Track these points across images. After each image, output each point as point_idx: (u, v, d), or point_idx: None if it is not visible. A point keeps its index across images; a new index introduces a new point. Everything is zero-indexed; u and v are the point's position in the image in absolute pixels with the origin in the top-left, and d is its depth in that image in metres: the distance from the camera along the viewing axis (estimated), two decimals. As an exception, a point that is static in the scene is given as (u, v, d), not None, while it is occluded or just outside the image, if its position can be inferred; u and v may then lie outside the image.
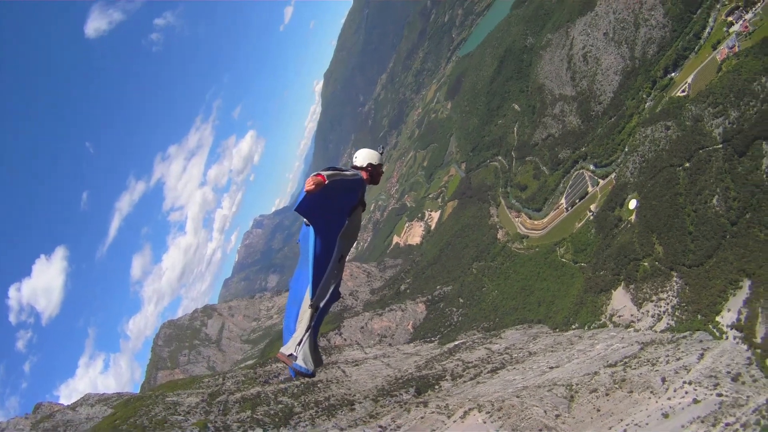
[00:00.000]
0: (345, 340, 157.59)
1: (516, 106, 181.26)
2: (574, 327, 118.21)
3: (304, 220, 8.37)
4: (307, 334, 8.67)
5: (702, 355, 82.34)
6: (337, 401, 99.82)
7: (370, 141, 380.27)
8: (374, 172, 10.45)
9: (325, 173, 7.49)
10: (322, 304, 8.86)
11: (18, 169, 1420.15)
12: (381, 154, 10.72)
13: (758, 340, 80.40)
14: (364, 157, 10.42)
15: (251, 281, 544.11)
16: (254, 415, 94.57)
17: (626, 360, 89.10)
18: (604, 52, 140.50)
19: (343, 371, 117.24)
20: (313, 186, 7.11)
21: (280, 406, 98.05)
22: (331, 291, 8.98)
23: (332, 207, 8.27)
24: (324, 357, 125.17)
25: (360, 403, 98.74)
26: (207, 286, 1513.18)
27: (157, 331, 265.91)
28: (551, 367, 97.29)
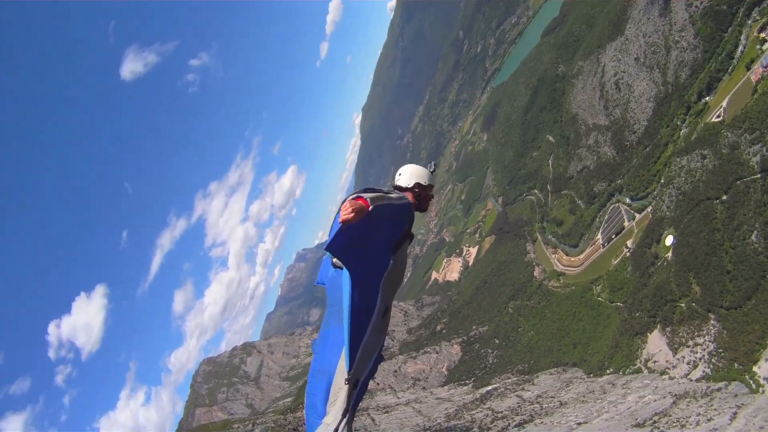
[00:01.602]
0: (378, 384, 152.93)
1: (550, 138, 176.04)
2: (608, 372, 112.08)
3: (333, 259, 7.06)
4: (345, 420, 6.81)
5: (735, 414, 75.44)
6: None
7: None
8: (422, 194, 9.00)
9: (367, 196, 6.33)
10: (362, 378, 7.13)
11: (58, 211, 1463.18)
12: (432, 173, 9.35)
13: None
14: (410, 174, 9.02)
15: (294, 315, 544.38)
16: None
17: (656, 419, 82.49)
18: (636, 78, 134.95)
19: (372, 419, 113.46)
20: (352, 214, 5.79)
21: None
22: (374, 358, 7.40)
23: (374, 242, 6.81)
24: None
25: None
26: (250, 319, 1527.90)
27: (197, 367, 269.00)
28: (579, 423, 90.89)
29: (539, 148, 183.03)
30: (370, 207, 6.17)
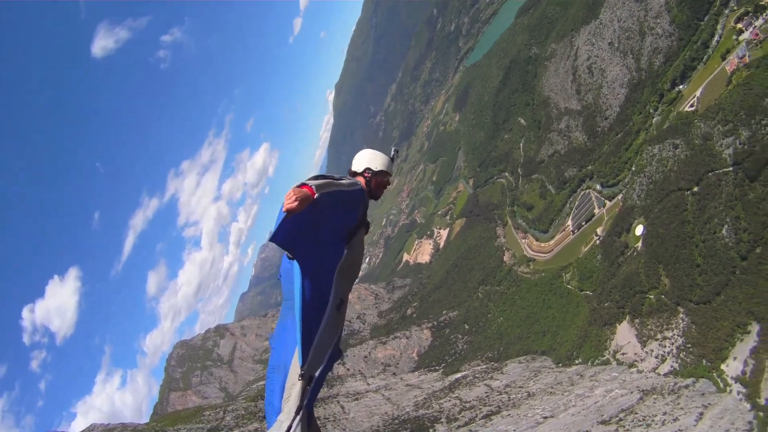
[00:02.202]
0: (348, 369, 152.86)
1: (522, 121, 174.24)
2: (577, 362, 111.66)
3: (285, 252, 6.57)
4: (299, 417, 6.43)
5: (701, 414, 75.18)
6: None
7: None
8: (373, 180, 8.63)
9: (312, 183, 6.11)
10: (317, 373, 6.80)
11: (28, 192, 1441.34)
12: (392, 159, 9.11)
13: (762, 401, 73.25)
14: (362, 159, 8.78)
15: (267, 295, 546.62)
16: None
17: (621, 416, 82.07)
18: (609, 63, 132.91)
19: (342, 407, 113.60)
20: (296, 203, 5.58)
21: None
22: (329, 353, 6.98)
23: (324, 232, 6.58)
24: (326, 389, 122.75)
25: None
26: (224, 300, 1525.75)
27: (171, 351, 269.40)
28: (545, 417, 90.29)
29: (510, 131, 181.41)
30: (316, 195, 5.93)
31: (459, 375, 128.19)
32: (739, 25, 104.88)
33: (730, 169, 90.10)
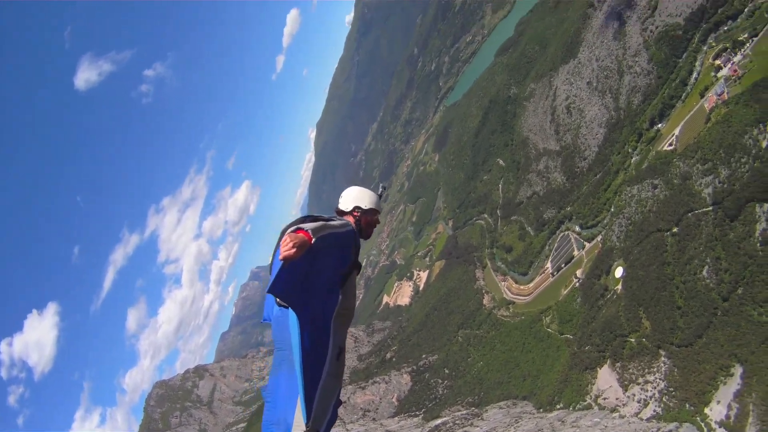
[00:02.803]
0: None
1: (501, 161, 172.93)
2: (558, 407, 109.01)
3: (278, 299, 6.62)
4: None
5: None
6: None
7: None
8: (363, 219, 8.26)
9: (307, 227, 5.89)
10: (322, 429, 6.48)
11: (6, 225, 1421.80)
12: (380, 196, 8.76)
13: None
14: (350, 197, 8.43)
15: (248, 335, 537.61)
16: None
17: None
18: (587, 103, 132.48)
19: None
20: (293, 249, 5.35)
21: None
22: (332, 405, 6.71)
23: (320, 278, 6.29)
24: None
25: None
26: (205, 338, 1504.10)
27: (150, 390, 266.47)
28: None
29: (489, 172, 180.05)
30: (313, 240, 5.66)
31: (439, 421, 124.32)
32: (718, 62, 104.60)
33: (710, 208, 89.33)
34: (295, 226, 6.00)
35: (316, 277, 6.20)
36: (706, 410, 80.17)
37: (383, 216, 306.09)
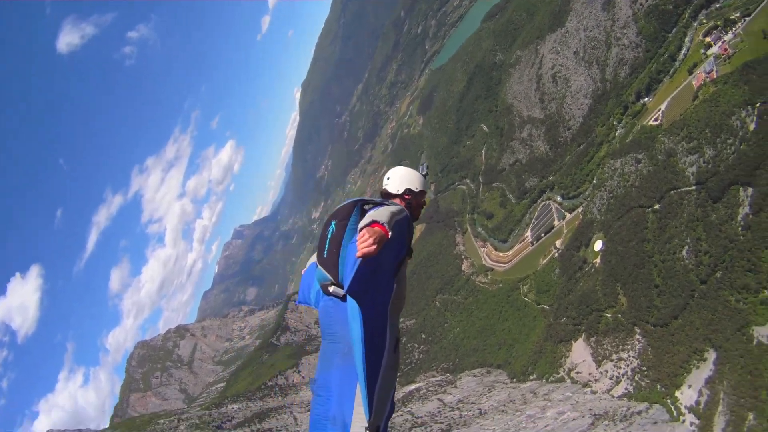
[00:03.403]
0: (303, 378, 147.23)
1: (484, 127, 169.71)
2: (531, 378, 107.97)
3: (331, 287, 6.38)
4: None
5: None
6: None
7: (345, 153, 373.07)
8: (414, 202, 7.92)
9: (382, 220, 5.63)
10: (383, 423, 6.12)
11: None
12: (425, 176, 8.35)
13: None
14: (401, 179, 7.95)
15: (231, 293, 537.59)
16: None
17: (572, 444, 77.77)
18: (574, 73, 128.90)
19: (295, 418, 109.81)
20: (374, 246, 5.16)
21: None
22: (391, 397, 6.37)
23: (382, 269, 5.84)
24: (280, 399, 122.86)
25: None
26: (188, 297, 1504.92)
27: (132, 351, 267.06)
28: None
29: (473, 137, 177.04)
30: (390, 234, 5.48)
31: (413, 387, 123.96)
32: (708, 39, 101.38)
33: (693, 188, 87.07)
34: (370, 219, 5.63)
35: (380, 269, 5.68)
36: (677, 393, 78.75)
37: (366, 177, 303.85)
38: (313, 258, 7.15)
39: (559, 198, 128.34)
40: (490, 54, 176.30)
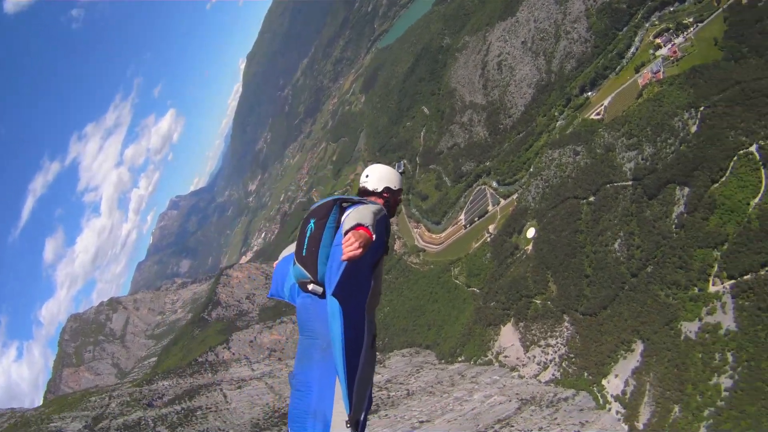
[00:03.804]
0: (233, 354, 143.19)
1: (425, 109, 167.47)
2: (460, 359, 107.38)
3: (310, 285, 6.25)
4: None
5: None
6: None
7: (285, 127, 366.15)
8: (392, 200, 7.77)
9: (365, 223, 5.69)
10: (362, 417, 6.20)
11: None
12: (401, 173, 8.11)
13: (640, 426, 70.25)
14: (380, 177, 7.75)
15: (164, 265, 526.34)
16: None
17: (497, 427, 76.55)
18: (519, 62, 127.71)
19: (225, 395, 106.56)
20: (360, 250, 5.24)
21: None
22: (369, 391, 6.46)
23: (362, 268, 5.91)
24: (210, 376, 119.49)
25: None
26: (122, 268, 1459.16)
27: (64, 324, 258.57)
28: (421, 422, 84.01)
29: (413, 118, 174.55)
30: (374, 237, 5.51)
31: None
32: (658, 41, 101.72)
33: (630, 183, 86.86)
34: (355, 222, 5.59)
35: (360, 268, 5.66)
36: (604, 382, 79.01)
37: (304, 152, 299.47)
38: (286, 251, 7.25)
39: (494, 184, 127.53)
40: (437, 37, 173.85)
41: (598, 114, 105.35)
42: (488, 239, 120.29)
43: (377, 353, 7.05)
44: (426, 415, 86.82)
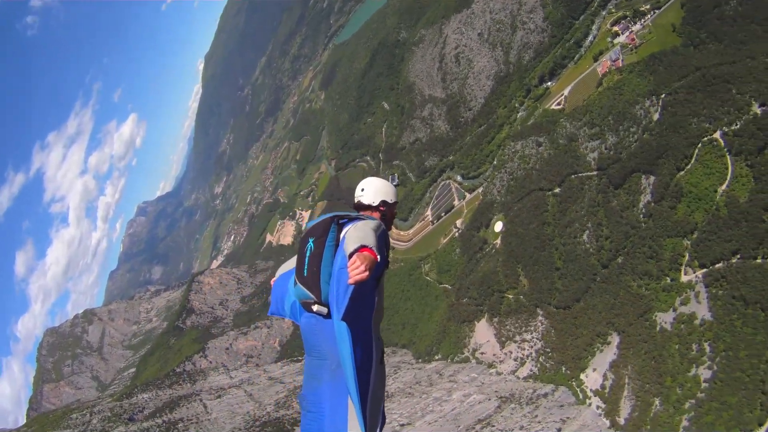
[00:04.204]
0: (211, 362, 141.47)
1: (385, 105, 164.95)
2: (437, 358, 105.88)
3: (315, 306, 6.03)
4: None
5: (559, 430, 69.63)
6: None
7: (247, 127, 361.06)
8: (389, 213, 7.75)
9: (370, 243, 5.54)
10: None
11: None
12: (396, 186, 8.12)
13: (621, 420, 68.75)
14: (376, 191, 7.67)
15: (137, 272, 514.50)
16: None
17: (478, 428, 75.18)
18: (477, 54, 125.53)
19: (205, 405, 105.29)
20: (366, 273, 5.06)
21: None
22: (381, 409, 6.32)
23: (366, 288, 5.76)
24: (189, 386, 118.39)
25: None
26: (95, 278, 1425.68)
27: (41, 339, 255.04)
28: (402, 425, 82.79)
29: (374, 114, 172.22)
30: (378, 257, 5.35)
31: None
32: (616, 28, 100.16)
33: (595, 173, 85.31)
34: (359, 244, 5.39)
35: (365, 289, 5.58)
36: (582, 376, 77.54)
37: (267, 152, 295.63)
38: (283, 268, 7.04)
39: (459, 178, 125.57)
40: (394, 31, 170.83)
41: (558, 104, 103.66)
42: (456, 234, 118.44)
43: (386, 368, 5.92)
44: (406, 417, 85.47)
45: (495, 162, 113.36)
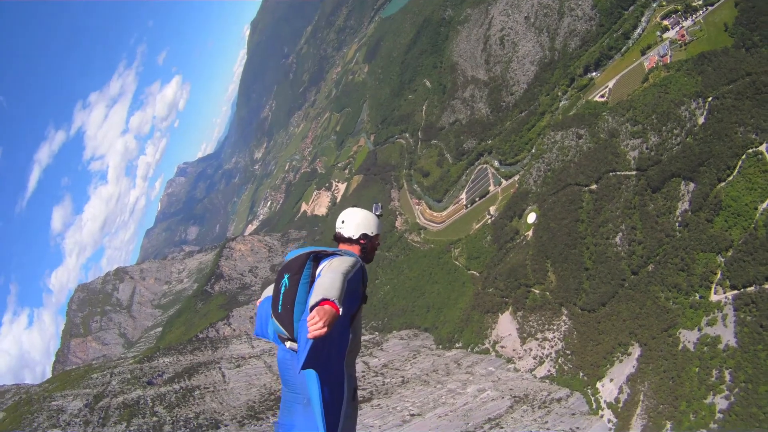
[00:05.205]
0: (234, 330, 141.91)
1: (427, 83, 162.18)
2: (457, 346, 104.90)
3: (287, 343, 6.20)
4: None
5: None
6: (205, 420, 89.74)
7: (290, 95, 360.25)
8: (369, 246, 7.47)
9: (334, 296, 5.29)
10: None
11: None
12: (379, 216, 7.77)
13: None
14: (356, 224, 7.44)
15: (173, 232, 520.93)
16: (128, 429, 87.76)
17: (486, 428, 73.93)
18: (522, 38, 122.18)
19: (223, 374, 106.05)
20: (325, 329, 4.97)
21: (154, 419, 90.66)
22: None
23: (336, 329, 5.53)
24: (210, 353, 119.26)
25: (226, 426, 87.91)
26: (130, 234, 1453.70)
27: (72, 294, 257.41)
28: (412, 415, 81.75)
29: (415, 92, 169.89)
30: (340, 310, 5.19)
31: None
32: (666, 23, 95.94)
33: (633, 173, 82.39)
34: (320, 297, 5.20)
35: (331, 335, 5.24)
36: (598, 384, 75.83)
37: (309, 121, 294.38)
38: (268, 291, 6.93)
39: (496, 163, 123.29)
40: (439, 9, 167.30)
41: (602, 96, 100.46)
42: (489, 221, 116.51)
43: (358, 405, 6.06)
44: (417, 407, 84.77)
45: (533, 150, 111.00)
